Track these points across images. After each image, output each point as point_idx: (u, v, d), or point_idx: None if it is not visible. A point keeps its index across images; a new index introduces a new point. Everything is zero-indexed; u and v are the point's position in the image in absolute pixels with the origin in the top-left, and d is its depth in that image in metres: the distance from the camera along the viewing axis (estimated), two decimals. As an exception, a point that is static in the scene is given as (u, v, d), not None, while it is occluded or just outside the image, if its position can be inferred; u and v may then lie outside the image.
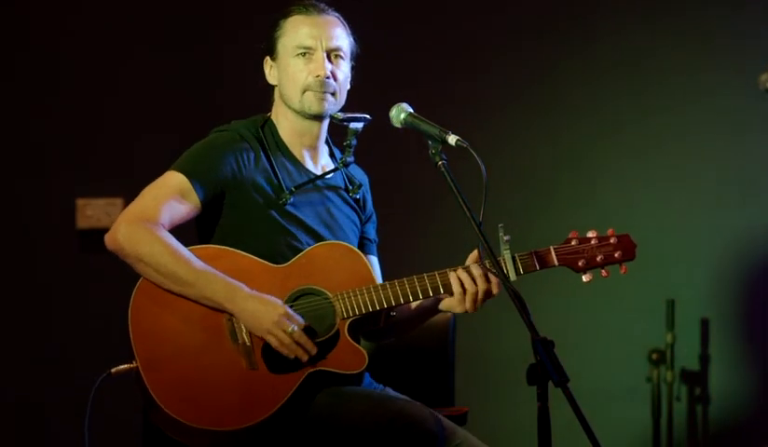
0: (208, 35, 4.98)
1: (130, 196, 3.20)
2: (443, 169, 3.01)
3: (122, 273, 3.18)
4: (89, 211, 4.89)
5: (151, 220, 3.11)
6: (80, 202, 4.90)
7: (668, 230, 5.11)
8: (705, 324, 5.13)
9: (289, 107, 3.32)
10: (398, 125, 3.16)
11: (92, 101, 4.92)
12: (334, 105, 3.32)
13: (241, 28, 4.96)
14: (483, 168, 2.96)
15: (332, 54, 3.30)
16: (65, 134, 4.91)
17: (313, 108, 3.29)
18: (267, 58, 3.35)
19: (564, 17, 5.14)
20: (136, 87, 4.94)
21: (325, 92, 3.28)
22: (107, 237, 3.13)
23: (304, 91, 3.28)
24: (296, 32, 3.30)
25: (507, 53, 5.14)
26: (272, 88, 3.39)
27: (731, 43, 5.12)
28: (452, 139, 3.02)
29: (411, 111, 3.15)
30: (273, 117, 3.37)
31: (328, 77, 3.28)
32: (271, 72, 3.36)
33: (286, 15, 3.34)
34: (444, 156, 3.03)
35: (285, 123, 3.35)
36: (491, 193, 2.96)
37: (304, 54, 3.28)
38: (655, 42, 5.13)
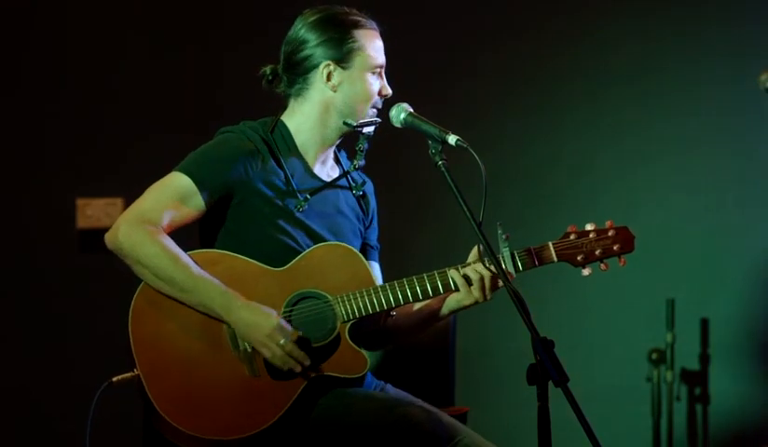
0: (208, 35, 4.97)
1: (130, 195, 3.19)
2: (443, 168, 3.00)
3: (122, 273, 3.17)
4: (89, 211, 4.89)
5: (152, 222, 3.07)
6: (80, 202, 4.90)
7: (668, 230, 5.11)
8: (705, 324, 5.13)
9: (344, 116, 3.23)
10: (398, 124, 3.15)
11: (92, 101, 4.92)
12: None
13: (242, 28, 4.96)
14: (483, 168, 2.96)
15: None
16: (65, 134, 4.91)
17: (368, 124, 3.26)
18: (331, 62, 3.21)
19: (566, 21, 5.14)
20: (136, 87, 4.93)
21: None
22: (107, 237, 3.10)
23: (371, 108, 3.24)
24: (375, 48, 3.23)
25: (508, 55, 5.14)
26: (293, 89, 3.27)
27: (731, 43, 5.12)
28: (452, 139, 3.01)
29: (411, 110, 3.14)
30: (286, 119, 3.27)
31: None
32: (332, 78, 3.22)
33: (355, 25, 3.22)
34: (444, 156, 3.02)
35: (312, 128, 3.25)
36: (491, 194, 2.96)
37: (379, 72, 3.25)
38: (656, 44, 5.13)
